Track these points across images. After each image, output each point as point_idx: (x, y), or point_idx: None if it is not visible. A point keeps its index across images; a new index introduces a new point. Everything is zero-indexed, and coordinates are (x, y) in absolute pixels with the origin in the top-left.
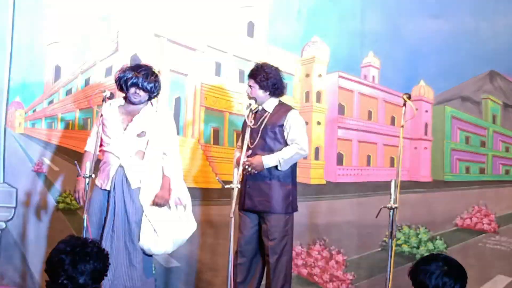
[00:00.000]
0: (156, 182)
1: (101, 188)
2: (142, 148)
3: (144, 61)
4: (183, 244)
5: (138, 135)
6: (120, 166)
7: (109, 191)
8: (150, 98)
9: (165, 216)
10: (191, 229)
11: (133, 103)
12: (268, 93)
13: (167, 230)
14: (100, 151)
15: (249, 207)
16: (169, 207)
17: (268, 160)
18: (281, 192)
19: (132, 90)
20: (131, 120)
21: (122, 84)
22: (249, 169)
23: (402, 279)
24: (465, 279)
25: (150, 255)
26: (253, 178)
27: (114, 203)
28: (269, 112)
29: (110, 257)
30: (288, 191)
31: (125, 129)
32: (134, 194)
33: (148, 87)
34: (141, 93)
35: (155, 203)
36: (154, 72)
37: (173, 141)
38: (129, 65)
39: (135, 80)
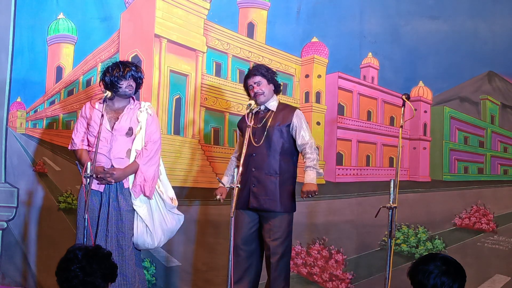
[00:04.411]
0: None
1: (92, 189)
2: (131, 146)
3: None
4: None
5: (126, 133)
6: (112, 166)
7: (100, 192)
8: (136, 90)
9: (154, 210)
10: (179, 221)
11: (122, 95)
12: (273, 88)
13: (158, 223)
14: (89, 151)
15: (254, 206)
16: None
17: (314, 179)
18: (286, 192)
19: (126, 83)
20: (117, 119)
21: (115, 81)
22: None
23: (401, 278)
24: (463, 278)
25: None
26: (259, 178)
27: (108, 203)
28: (272, 111)
29: None
30: (292, 191)
31: (112, 128)
32: (127, 193)
33: (141, 76)
34: (134, 84)
35: (100, 174)
36: (137, 64)
37: (153, 137)
38: (110, 66)
39: (129, 73)
